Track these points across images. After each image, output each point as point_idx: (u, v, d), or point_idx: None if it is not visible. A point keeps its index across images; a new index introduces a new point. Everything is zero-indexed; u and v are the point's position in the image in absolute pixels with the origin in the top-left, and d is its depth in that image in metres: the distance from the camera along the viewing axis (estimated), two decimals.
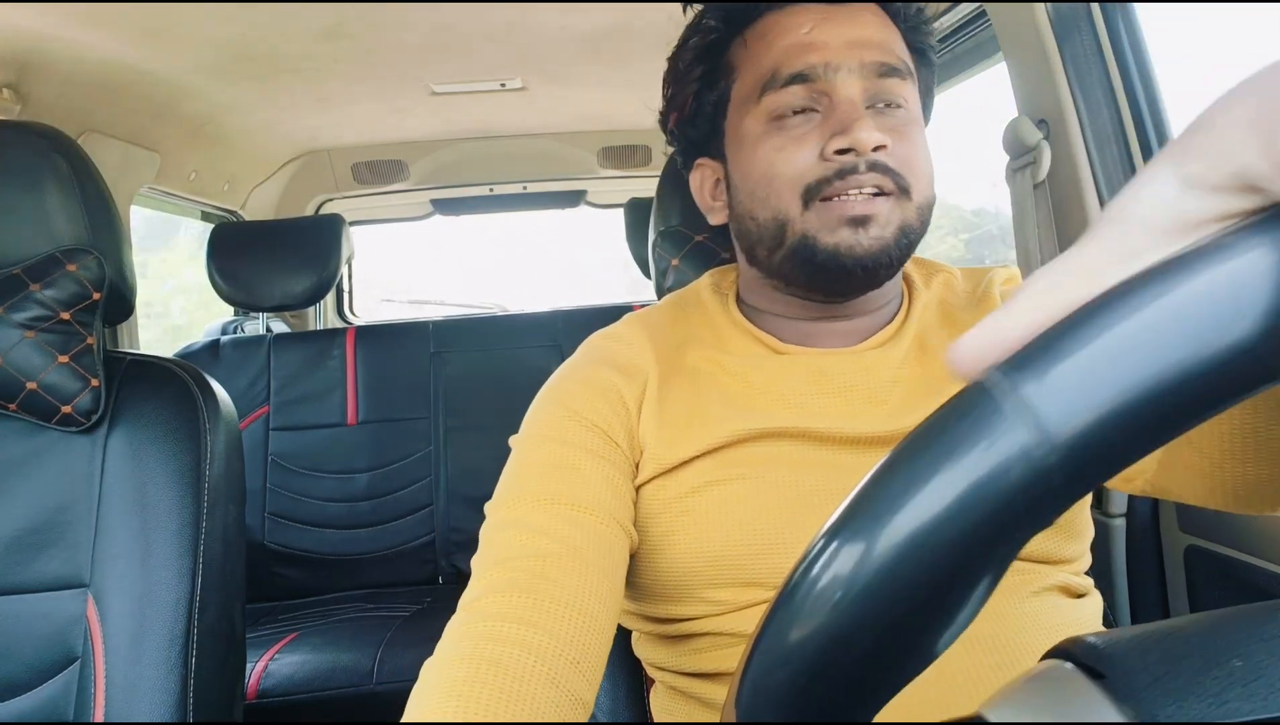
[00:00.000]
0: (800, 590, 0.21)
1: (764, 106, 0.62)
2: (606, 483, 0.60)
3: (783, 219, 0.62)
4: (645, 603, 0.66)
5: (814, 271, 0.62)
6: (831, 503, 0.68)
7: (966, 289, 0.70)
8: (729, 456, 0.62)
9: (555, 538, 0.55)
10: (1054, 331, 0.19)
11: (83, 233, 0.86)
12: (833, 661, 0.20)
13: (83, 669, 0.81)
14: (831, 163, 0.59)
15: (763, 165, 0.63)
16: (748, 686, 0.22)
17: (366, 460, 1.89)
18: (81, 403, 0.84)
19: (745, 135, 0.64)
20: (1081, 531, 0.62)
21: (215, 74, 1.61)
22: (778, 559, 0.59)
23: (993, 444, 0.18)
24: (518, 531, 0.56)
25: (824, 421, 0.61)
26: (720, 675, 0.62)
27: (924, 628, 0.20)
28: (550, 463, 0.61)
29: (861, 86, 0.61)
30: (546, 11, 1.46)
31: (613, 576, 0.57)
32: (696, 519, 0.61)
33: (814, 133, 0.61)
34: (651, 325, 0.71)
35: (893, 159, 0.60)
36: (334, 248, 1.92)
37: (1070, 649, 0.22)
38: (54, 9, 1.23)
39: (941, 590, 0.19)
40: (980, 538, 0.19)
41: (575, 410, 0.63)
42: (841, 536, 0.20)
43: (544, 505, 0.58)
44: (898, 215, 0.60)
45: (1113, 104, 1.06)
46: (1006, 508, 0.19)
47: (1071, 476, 0.18)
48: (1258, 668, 0.20)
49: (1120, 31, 1.05)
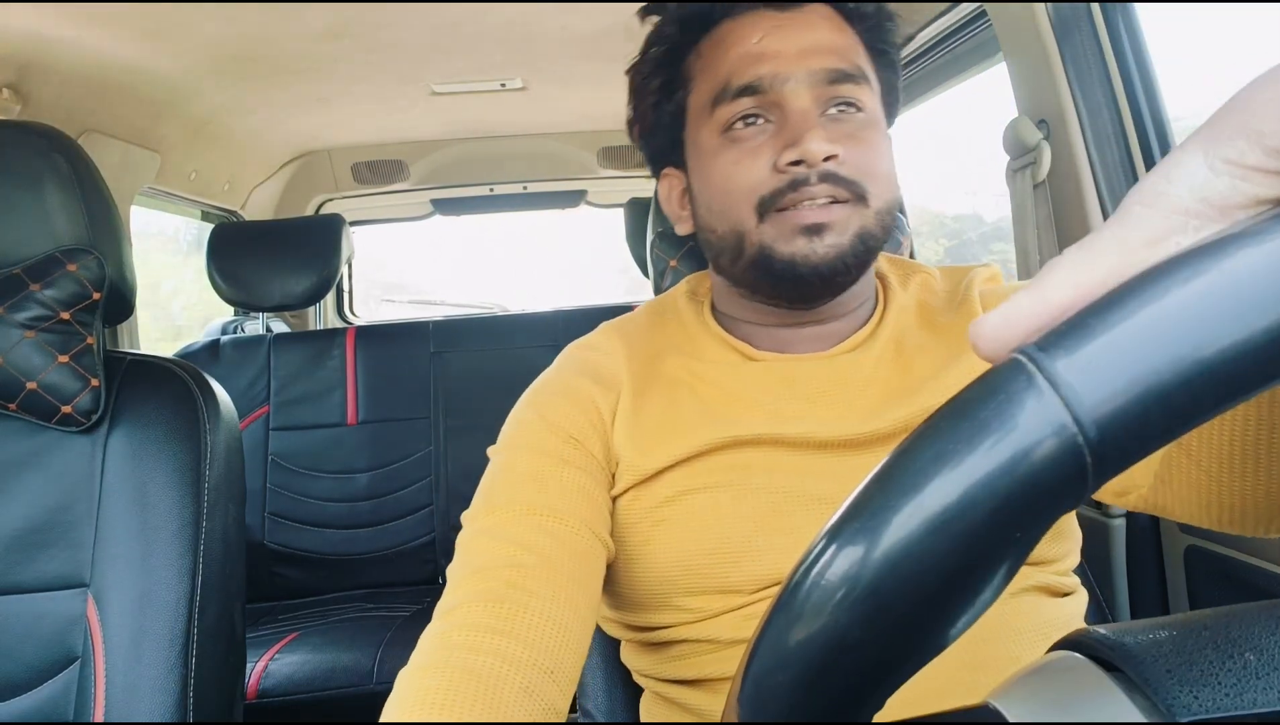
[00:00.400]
0: (815, 574, 0.20)
1: (717, 118, 0.63)
2: (581, 493, 0.60)
3: (740, 231, 0.62)
4: (626, 612, 0.66)
5: (774, 281, 0.62)
6: (805, 508, 0.67)
7: (946, 289, 0.69)
8: (703, 465, 0.62)
9: (530, 548, 0.56)
10: (1088, 311, 0.19)
11: (83, 233, 0.86)
12: (844, 650, 0.20)
13: (83, 669, 0.81)
14: (784, 174, 0.59)
15: (718, 179, 0.63)
16: (749, 686, 0.21)
17: (366, 460, 1.89)
18: (81, 403, 0.84)
19: (702, 147, 0.65)
20: (1066, 532, 0.62)
21: (215, 74, 1.61)
22: (752, 565, 0.59)
23: (1028, 421, 0.18)
24: (493, 541, 0.57)
25: (797, 427, 0.61)
26: (701, 682, 0.62)
27: (942, 611, 0.19)
28: (526, 472, 0.61)
29: (812, 95, 0.60)
30: (546, 11, 1.46)
31: (588, 586, 0.57)
32: (672, 528, 0.61)
33: (767, 144, 0.61)
34: (628, 334, 0.71)
35: (846, 167, 0.59)
36: (334, 248, 1.92)
37: (1081, 639, 0.22)
38: (54, 9, 1.23)
39: (963, 573, 0.19)
40: (1008, 517, 0.18)
41: (552, 421, 0.64)
42: (862, 519, 0.19)
43: (520, 516, 0.58)
44: (855, 222, 0.60)
45: (1113, 104, 1.06)
46: (1038, 487, 0.18)
47: (1105, 456, 0.18)
48: (1271, 661, 0.20)
49: (1120, 31, 1.05)
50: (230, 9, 1.33)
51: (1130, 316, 0.18)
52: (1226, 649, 0.20)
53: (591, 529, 0.59)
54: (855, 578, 0.19)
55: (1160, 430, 0.18)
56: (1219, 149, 0.20)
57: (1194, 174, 0.20)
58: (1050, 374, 0.18)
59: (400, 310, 2.92)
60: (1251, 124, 0.19)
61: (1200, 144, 0.20)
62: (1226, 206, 0.20)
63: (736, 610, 0.60)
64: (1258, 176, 0.20)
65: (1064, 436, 0.18)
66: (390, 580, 1.87)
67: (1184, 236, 0.20)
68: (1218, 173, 0.20)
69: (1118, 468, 0.18)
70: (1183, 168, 0.20)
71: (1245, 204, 0.20)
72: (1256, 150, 0.19)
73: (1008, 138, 1.16)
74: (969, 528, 0.18)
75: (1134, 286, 0.19)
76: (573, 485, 0.60)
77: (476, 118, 2.16)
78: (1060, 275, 0.21)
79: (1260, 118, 0.19)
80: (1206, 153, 0.20)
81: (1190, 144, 0.21)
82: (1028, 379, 0.18)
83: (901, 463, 0.19)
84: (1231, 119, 0.20)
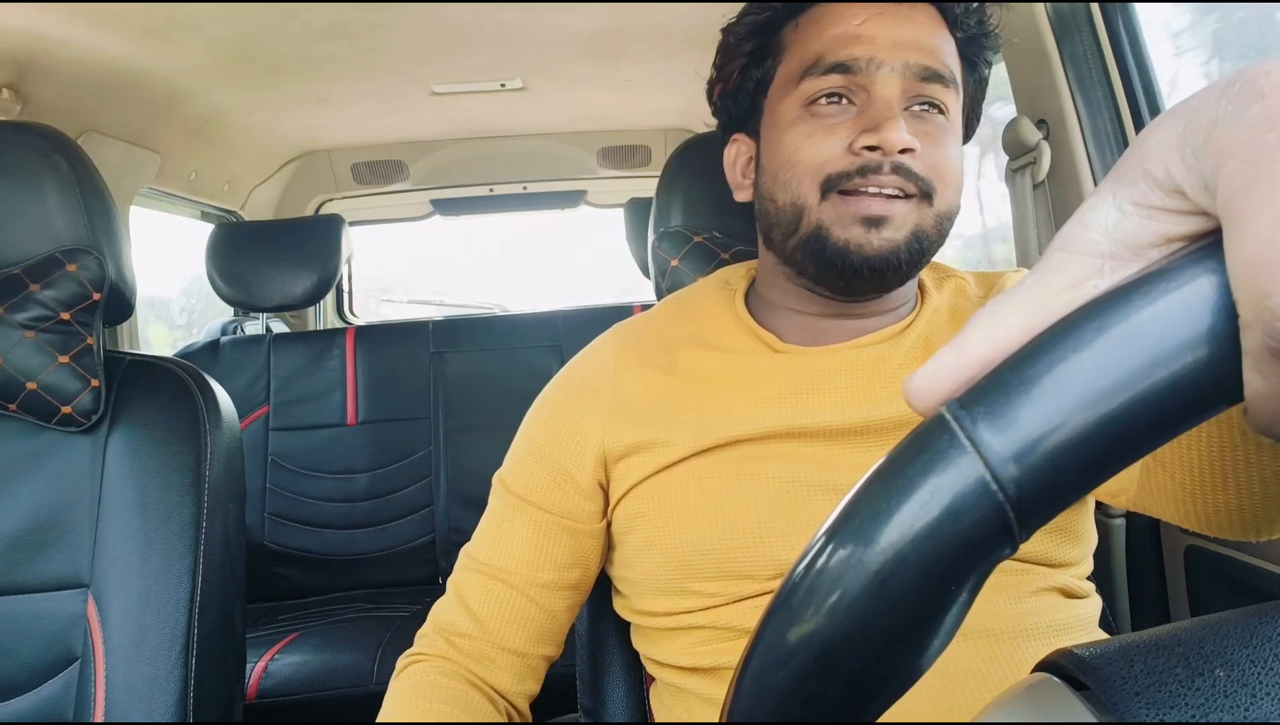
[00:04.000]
0: (777, 616, 0.21)
1: (802, 90, 0.62)
2: (546, 547, 0.69)
3: (800, 205, 0.62)
4: (641, 597, 0.67)
5: (822, 264, 0.62)
6: (819, 495, 0.69)
7: (979, 293, 0.70)
8: (717, 457, 0.63)
9: (479, 619, 0.68)
10: (1006, 365, 0.20)
11: (83, 233, 0.86)
12: (804, 702, 0.21)
13: (83, 669, 0.81)
14: (857, 157, 0.59)
15: (789, 149, 0.63)
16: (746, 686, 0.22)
17: (366, 460, 1.89)
18: (81, 403, 0.84)
19: (780, 117, 0.64)
20: (1082, 536, 0.62)
21: (215, 74, 1.61)
22: (767, 550, 0.60)
23: (951, 480, 0.19)
24: (456, 598, 0.70)
25: (814, 418, 0.61)
26: (717, 670, 0.62)
27: (890, 665, 0.20)
28: (500, 523, 0.70)
29: (901, 86, 0.60)
30: (546, 11, 1.46)
31: (531, 644, 0.69)
32: (686, 514, 0.62)
33: (846, 125, 0.61)
34: (632, 332, 0.73)
35: (919, 163, 0.59)
36: (334, 248, 1.92)
37: (1059, 661, 0.23)
38: (54, 9, 1.23)
39: (906, 628, 0.20)
40: (940, 573, 0.19)
41: (548, 457, 0.69)
42: (814, 563, 0.21)
43: (481, 579, 0.69)
44: (913, 219, 0.60)
45: (1113, 104, 1.06)
46: (965, 543, 0.19)
47: (1025, 511, 0.19)
48: (1240, 677, 0.20)
49: (1120, 31, 1.05)
50: (230, 9, 1.33)
51: (1039, 372, 0.19)
52: (1198, 666, 0.21)
53: (543, 587, 0.69)
54: (809, 636, 0.20)
55: (1074, 482, 0.19)
56: (1124, 191, 0.21)
57: (1106, 217, 0.21)
58: (969, 431, 0.19)
59: (400, 310, 2.92)
60: (1148, 165, 0.20)
61: (1109, 187, 0.21)
62: (1139, 246, 0.20)
63: (752, 597, 0.61)
64: (1161, 215, 0.20)
65: (985, 493, 0.19)
66: (390, 580, 1.87)
67: (1102, 279, 0.21)
68: (1126, 214, 0.21)
69: (1043, 518, 0.19)
70: (1096, 212, 0.21)
71: (1156, 242, 0.20)
72: (1156, 190, 0.20)
73: (1007, 138, 1.16)
74: (903, 586, 0.19)
75: (1045, 340, 0.19)
76: (547, 541, 0.69)
77: (476, 118, 2.16)
78: (976, 330, 0.21)
79: (1154, 159, 0.20)
80: (1115, 195, 0.21)
81: (1101, 188, 0.21)
82: (950, 438, 0.19)
83: (844, 519, 0.20)
84: (1132, 161, 0.21)
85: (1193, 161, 0.19)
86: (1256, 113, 0.18)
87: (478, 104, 2.03)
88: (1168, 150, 0.20)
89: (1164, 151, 0.20)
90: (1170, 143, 0.20)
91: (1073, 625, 0.59)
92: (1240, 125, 0.18)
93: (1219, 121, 0.19)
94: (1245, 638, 0.21)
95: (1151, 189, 0.20)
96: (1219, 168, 0.19)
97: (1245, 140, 0.18)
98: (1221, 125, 0.19)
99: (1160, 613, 1.03)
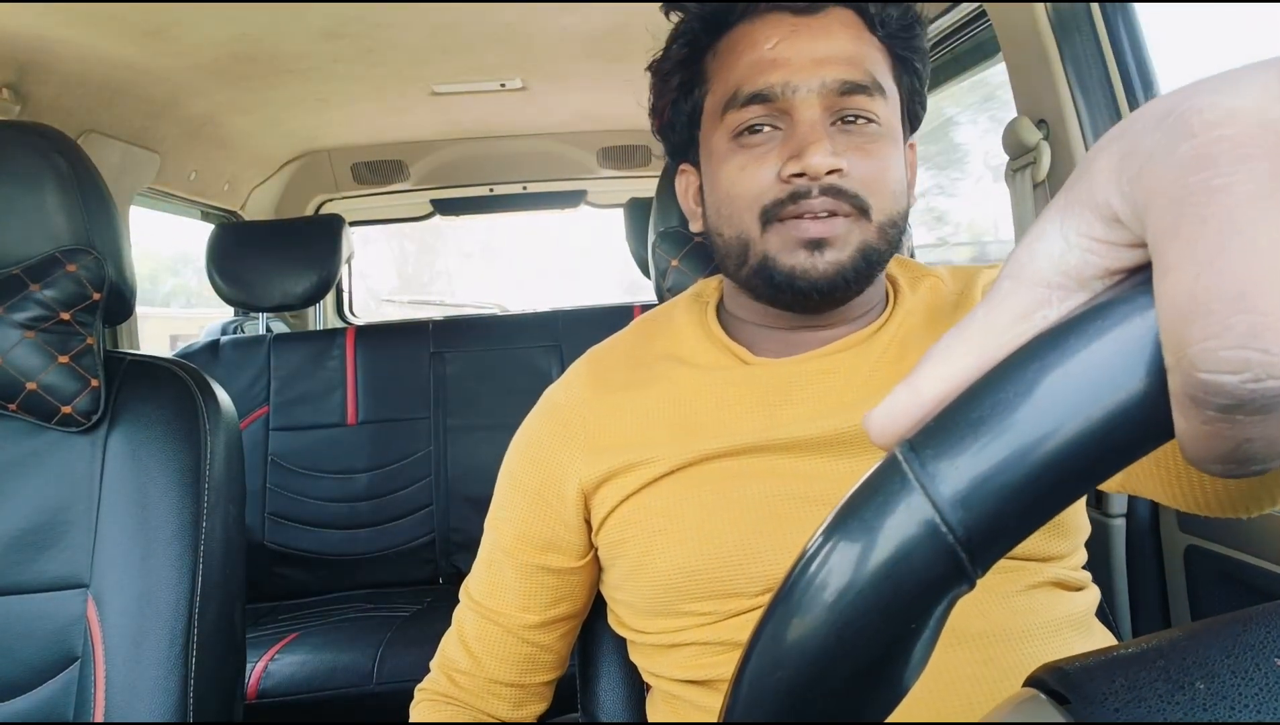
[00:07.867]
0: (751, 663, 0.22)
1: (727, 123, 0.62)
2: (533, 593, 0.70)
3: (745, 238, 0.62)
4: (634, 618, 0.67)
5: (774, 291, 0.62)
6: (801, 509, 0.70)
7: (955, 290, 0.68)
8: (696, 474, 0.62)
9: (475, 657, 0.71)
10: (954, 406, 0.20)
11: (83, 233, 0.86)
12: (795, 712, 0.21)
13: (82, 669, 0.81)
14: (787, 185, 0.59)
15: (725, 184, 0.63)
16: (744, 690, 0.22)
17: (366, 460, 1.89)
18: (81, 403, 0.84)
19: (714, 150, 0.65)
20: (1073, 528, 0.62)
21: (215, 74, 1.61)
22: (753, 567, 0.59)
23: (903, 522, 0.19)
24: (458, 635, 0.73)
25: (788, 430, 0.61)
26: (712, 682, 0.62)
27: (856, 700, 0.21)
28: (489, 563, 0.72)
29: (822, 105, 0.60)
30: (546, 11, 1.46)
31: (527, 676, 0.72)
32: (669, 538, 0.62)
33: (774, 153, 0.60)
34: (604, 355, 0.73)
35: (850, 180, 0.59)
36: (334, 248, 1.92)
37: (1043, 678, 0.23)
38: (54, 9, 1.23)
39: (876, 663, 0.20)
40: (898, 610, 0.20)
41: (529, 488, 0.69)
42: (779, 608, 0.21)
43: (476, 618, 0.72)
44: (856, 236, 0.60)
45: (1112, 104, 1.06)
46: (920, 583, 0.19)
47: (975, 549, 0.19)
48: (1220, 690, 0.20)
49: (1120, 31, 1.05)
50: (230, 9, 1.33)
51: (983, 414, 0.19)
52: (1179, 679, 0.21)
53: (530, 624, 0.70)
54: (775, 661, 0.21)
55: (1020, 523, 0.19)
56: (1069, 220, 0.20)
57: (1052, 246, 0.20)
58: (919, 472, 0.19)
59: (400, 310, 2.92)
60: (1094, 192, 0.20)
61: (1056, 214, 0.20)
62: (1083, 278, 0.20)
63: (743, 614, 0.60)
64: (1103, 249, 0.20)
65: (935, 535, 0.19)
66: (390, 580, 1.87)
67: (1049, 310, 0.20)
68: (1070, 246, 0.20)
69: (996, 555, 0.19)
70: (1044, 241, 0.21)
71: (1098, 275, 0.20)
72: (1098, 222, 0.20)
73: (1007, 138, 1.16)
74: (866, 627, 0.20)
75: (989, 381, 0.20)
76: (531, 582, 0.70)
77: (476, 118, 2.16)
78: (928, 367, 0.21)
79: (1098, 186, 0.19)
80: (1061, 225, 0.20)
81: (1048, 213, 0.21)
82: (901, 479, 0.20)
83: (807, 562, 0.21)
84: (1078, 188, 0.20)
85: (1129, 192, 0.19)
86: (1185, 152, 0.17)
87: (478, 104, 2.03)
88: (1108, 179, 0.19)
89: (1104, 180, 0.19)
90: (1111, 170, 0.19)
91: (1068, 622, 0.59)
92: (1169, 163, 0.18)
93: (1153, 155, 0.18)
94: (1228, 647, 0.21)
95: (1095, 219, 0.20)
96: (1149, 206, 0.18)
97: (1172, 180, 0.18)
98: (1154, 160, 0.18)
99: (1160, 613, 1.03)
